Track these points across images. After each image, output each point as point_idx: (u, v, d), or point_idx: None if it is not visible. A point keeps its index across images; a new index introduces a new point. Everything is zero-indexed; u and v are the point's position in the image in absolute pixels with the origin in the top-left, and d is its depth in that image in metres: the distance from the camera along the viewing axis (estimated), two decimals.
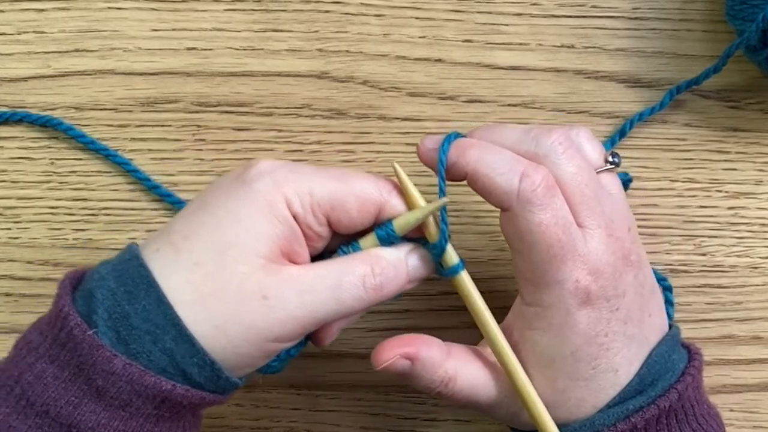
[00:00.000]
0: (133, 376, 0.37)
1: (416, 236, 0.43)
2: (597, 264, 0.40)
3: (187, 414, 0.40)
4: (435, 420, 0.55)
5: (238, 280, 0.38)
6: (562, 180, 0.41)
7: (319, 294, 0.39)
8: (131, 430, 0.38)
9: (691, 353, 0.45)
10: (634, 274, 0.42)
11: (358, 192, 0.41)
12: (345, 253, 0.42)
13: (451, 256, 0.43)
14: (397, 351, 0.42)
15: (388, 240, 0.42)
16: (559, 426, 0.42)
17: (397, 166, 0.42)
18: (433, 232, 0.42)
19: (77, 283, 0.40)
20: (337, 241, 0.43)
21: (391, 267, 0.42)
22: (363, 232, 0.43)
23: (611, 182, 0.44)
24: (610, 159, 0.44)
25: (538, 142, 0.42)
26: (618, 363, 0.42)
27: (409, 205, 0.42)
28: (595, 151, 0.44)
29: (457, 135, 0.43)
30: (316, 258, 0.43)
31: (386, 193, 0.42)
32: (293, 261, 0.41)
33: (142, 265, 0.38)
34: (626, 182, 0.47)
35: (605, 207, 0.42)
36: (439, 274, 0.44)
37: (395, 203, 0.42)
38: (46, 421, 0.37)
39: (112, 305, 0.38)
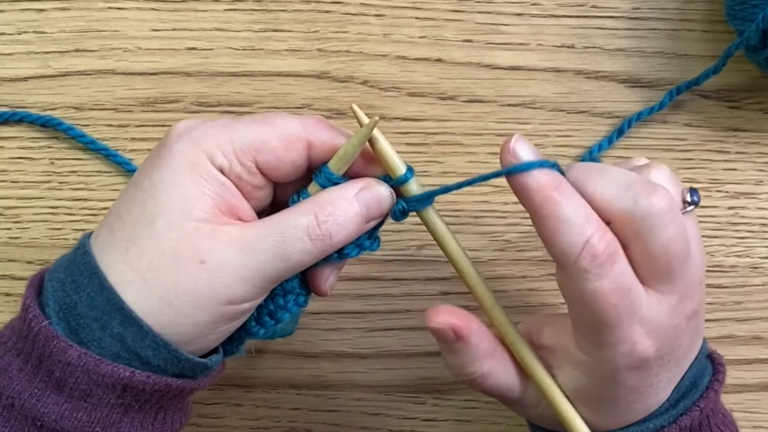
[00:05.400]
0: (88, 366, 0.36)
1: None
2: (658, 327, 0.38)
3: (163, 402, 0.39)
4: (435, 420, 0.55)
5: (170, 248, 0.37)
6: (654, 247, 0.37)
7: (263, 253, 0.37)
8: (96, 420, 0.37)
9: (714, 365, 0.43)
10: (695, 324, 0.40)
11: (281, 130, 0.39)
12: (295, 202, 0.40)
13: (413, 188, 0.40)
14: (451, 321, 0.40)
15: (330, 183, 0.40)
16: None
17: (354, 106, 0.40)
18: (392, 164, 0.40)
19: None
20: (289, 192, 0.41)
21: (340, 211, 0.39)
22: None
23: (692, 228, 0.39)
24: (689, 199, 0.39)
25: (637, 203, 0.37)
26: (654, 403, 0.40)
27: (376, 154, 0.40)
28: (675, 189, 0.40)
29: (554, 165, 0.38)
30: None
31: (311, 127, 0.39)
32: (239, 217, 0.39)
33: (87, 252, 0.38)
34: (696, 203, 0.40)
35: (689, 273, 0.38)
36: (394, 215, 0.40)
37: (323, 136, 0.39)
38: (13, 414, 0.37)
39: (62, 296, 0.37)
